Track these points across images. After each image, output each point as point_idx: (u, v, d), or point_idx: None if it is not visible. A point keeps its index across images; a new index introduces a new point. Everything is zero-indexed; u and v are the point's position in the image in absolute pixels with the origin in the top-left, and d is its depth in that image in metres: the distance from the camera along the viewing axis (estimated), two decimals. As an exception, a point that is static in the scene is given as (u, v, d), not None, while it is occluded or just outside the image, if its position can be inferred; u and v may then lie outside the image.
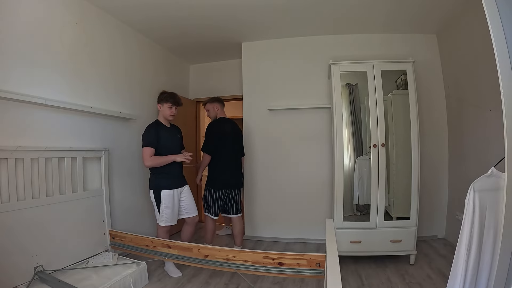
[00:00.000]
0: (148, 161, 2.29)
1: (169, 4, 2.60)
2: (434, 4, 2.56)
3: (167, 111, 2.44)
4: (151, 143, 2.30)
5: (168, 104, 2.43)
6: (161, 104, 2.44)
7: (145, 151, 2.29)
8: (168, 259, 2.20)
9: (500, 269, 1.19)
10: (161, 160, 2.33)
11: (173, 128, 2.57)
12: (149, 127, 2.38)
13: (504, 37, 1.13)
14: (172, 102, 2.44)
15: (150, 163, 2.30)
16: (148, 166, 2.32)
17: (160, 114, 2.48)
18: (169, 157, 2.36)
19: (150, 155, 2.29)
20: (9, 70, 1.87)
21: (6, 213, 1.77)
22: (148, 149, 2.28)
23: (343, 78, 2.69)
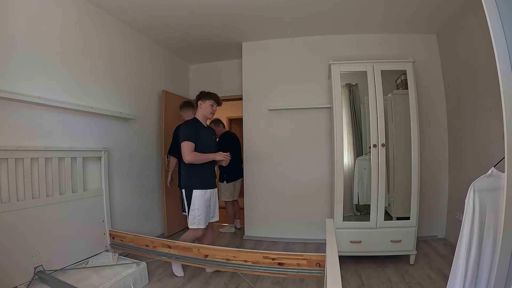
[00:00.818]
0: (188, 155, 2.16)
1: (169, 4, 2.60)
2: (434, 4, 2.57)
3: (209, 109, 2.35)
4: (191, 138, 2.20)
5: (211, 102, 2.34)
6: (203, 101, 2.34)
7: (185, 146, 2.17)
8: (168, 259, 2.20)
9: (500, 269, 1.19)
10: (201, 157, 2.23)
11: (209, 128, 2.48)
12: (188, 123, 2.31)
13: (504, 37, 1.13)
14: (214, 99, 2.36)
15: (190, 158, 2.17)
16: (188, 162, 2.19)
17: (199, 112, 2.37)
18: (209, 155, 2.28)
19: (191, 149, 2.18)
20: (9, 70, 1.87)
21: (6, 213, 1.77)
22: (189, 143, 2.17)
23: (343, 78, 2.69)
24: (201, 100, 2.35)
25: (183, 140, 2.19)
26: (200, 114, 2.37)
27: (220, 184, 3.71)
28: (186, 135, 2.20)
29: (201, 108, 2.36)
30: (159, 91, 3.52)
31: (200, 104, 2.35)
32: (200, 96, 2.37)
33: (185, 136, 2.20)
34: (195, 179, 2.26)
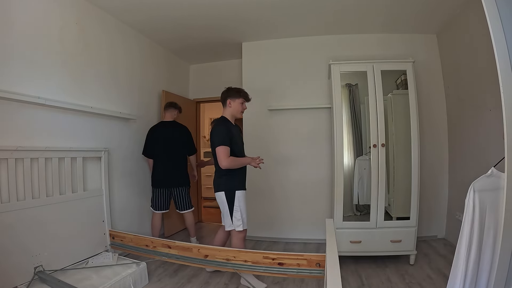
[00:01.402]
0: (225, 160, 2.05)
1: (170, 4, 2.60)
2: (434, 4, 2.56)
3: (239, 107, 2.23)
4: (226, 142, 2.09)
5: (240, 100, 2.23)
6: (232, 99, 2.22)
7: (222, 151, 2.06)
8: (168, 259, 2.20)
9: (500, 269, 1.19)
10: (239, 162, 2.15)
11: (237, 127, 2.36)
12: (220, 124, 2.17)
13: (504, 37, 1.13)
14: (244, 97, 2.25)
15: (228, 163, 2.06)
16: (226, 167, 2.08)
17: (228, 111, 2.24)
18: (245, 160, 2.22)
19: (228, 154, 2.08)
20: (9, 70, 1.87)
21: (6, 213, 1.77)
22: (225, 148, 2.07)
23: (343, 78, 2.69)
24: (230, 98, 2.22)
25: (219, 145, 2.07)
26: (229, 113, 2.24)
27: None
28: (221, 139, 2.08)
29: (231, 107, 2.23)
30: (159, 91, 3.52)
31: (229, 103, 2.22)
32: (229, 94, 2.24)
33: (220, 140, 2.08)
34: (236, 179, 2.17)
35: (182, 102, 3.90)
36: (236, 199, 2.14)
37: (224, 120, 2.22)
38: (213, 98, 4.27)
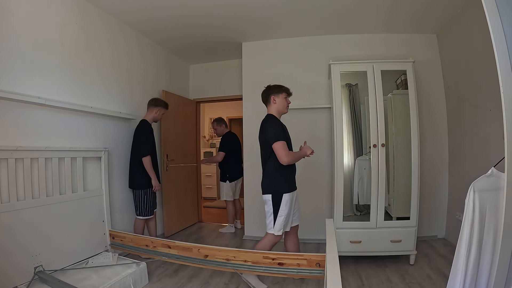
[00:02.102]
0: (286, 156, 1.95)
1: (170, 5, 2.60)
2: (434, 4, 2.56)
3: (284, 102, 2.14)
4: (282, 136, 1.99)
5: (284, 94, 2.13)
6: (275, 95, 2.13)
7: (281, 146, 1.95)
8: (168, 259, 2.20)
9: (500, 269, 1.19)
10: (297, 156, 2.05)
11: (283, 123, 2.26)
12: (271, 121, 2.07)
13: (504, 37, 1.13)
14: (286, 91, 2.15)
15: (289, 159, 1.96)
16: (287, 163, 1.97)
17: (273, 108, 2.15)
18: (300, 153, 2.08)
19: (287, 149, 1.98)
20: (9, 70, 1.87)
21: (6, 213, 1.77)
22: (283, 143, 1.96)
23: (343, 78, 2.69)
24: (273, 94, 2.13)
25: (276, 140, 1.96)
26: (275, 110, 2.14)
27: (222, 184, 3.72)
28: (277, 134, 1.98)
29: (275, 103, 2.13)
30: (159, 91, 3.52)
31: (274, 99, 2.13)
32: (271, 90, 2.16)
33: (276, 135, 1.98)
34: (285, 180, 2.07)
35: (182, 102, 3.91)
36: (283, 202, 2.02)
37: (273, 116, 2.13)
38: (213, 98, 4.28)
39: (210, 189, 6.08)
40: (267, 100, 2.18)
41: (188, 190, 4.01)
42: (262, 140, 2.10)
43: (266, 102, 2.20)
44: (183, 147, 3.89)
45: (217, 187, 6.00)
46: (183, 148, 3.88)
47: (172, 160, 3.56)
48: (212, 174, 6.05)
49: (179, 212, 3.73)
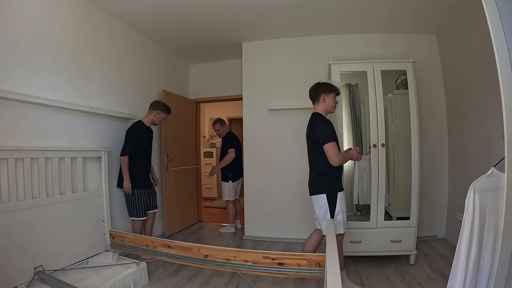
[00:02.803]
0: (337, 157, 1.92)
1: (170, 6, 2.60)
2: (435, 4, 2.56)
3: (333, 102, 2.11)
4: (333, 137, 1.97)
5: (333, 94, 2.10)
6: (326, 94, 2.08)
7: (332, 147, 1.92)
8: (168, 259, 2.20)
9: (500, 269, 1.19)
10: (347, 157, 2.04)
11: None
12: (321, 120, 2.04)
13: (504, 37, 1.13)
14: (336, 91, 2.12)
15: (339, 160, 1.94)
16: (338, 164, 1.96)
17: (321, 107, 2.10)
18: (350, 154, 2.07)
19: (338, 150, 1.97)
20: (9, 70, 1.87)
21: (6, 213, 1.77)
22: (335, 144, 1.95)
23: (343, 78, 2.69)
24: (324, 93, 2.09)
25: (328, 141, 1.93)
26: (322, 108, 2.10)
27: (225, 184, 3.71)
28: (329, 135, 1.96)
29: (325, 102, 2.09)
30: (159, 91, 3.52)
31: (324, 98, 2.09)
32: (322, 89, 2.11)
33: (328, 136, 1.95)
34: (336, 180, 2.05)
35: (182, 102, 3.91)
36: (338, 200, 2.00)
37: (322, 116, 2.09)
38: (213, 98, 4.28)
39: (210, 189, 6.08)
40: (316, 98, 2.12)
41: (188, 190, 4.02)
42: (312, 139, 2.06)
43: (314, 100, 2.15)
44: (183, 147, 3.89)
45: (217, 187, 6.00)
46: (183, 148, 3.88)
47: (172, 160, 3.56)
48: (212, 174, 6.04)
49: (179, 212, 3.74)
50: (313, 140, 2.06)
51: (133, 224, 2.75)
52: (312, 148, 2.11)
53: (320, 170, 2.05)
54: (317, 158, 2.05)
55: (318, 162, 2.06)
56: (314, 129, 2.04)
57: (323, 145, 1.96)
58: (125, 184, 2.63)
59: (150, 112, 2.82)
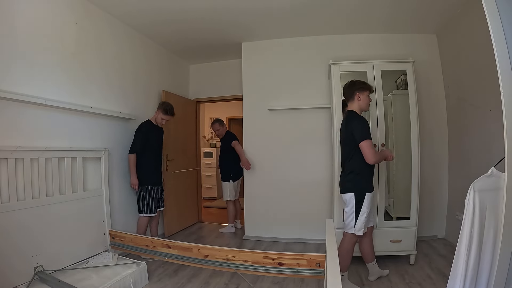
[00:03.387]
0: (374, 156, 1.91)
1: (170, 7, 2.60)
2: (434, 4, 2.56)
3: (367, 100, 2.10)
4: (369, 135, 1.95)
5: (367, 92, 2.09)
6: (360, 92, 2.07)
7: (369, 145, 1.91)
8: (168, 259, 2.20)
9: (500, 269, 1.19)
10: (382, 156, 2.03)
11: None
12: (357, 118, 2.03)
13: (504, 37, 1.13)
14: (369, 89, 2.10)
15: (376, 158, 1.93)
16: (374, 163, 1.96)
17: (356, 105, 2.09)
18: (384, 153, 2.06)
19: (374, 148, 1.96)
20: (9, 70, 1.87)
21: (6, 213, 1.77)
22: (371, 142, 1.94)
23: (343, 78, 2.68)
24: (358, 92, 2.08)
25: (364, 139, 1.92)
26: (357, 106, 2.08)
27: (225, 184, 3.71)
28: (366, 133, 1.94)
29: (360, 101, 2.08)
30: (159, 91, 3.52)
31: (358, 96, 2.07)
32: (356, 87, 2.09)
33: (365, 133, 1.94)
34: (366, 180, 2.04)
35: (182, 102, 3.91)
36: (365, 201, 2.01)
37: (357, 114, 2.08)
38: (213, 98, 4.28)
39: (210, 189, 6.08)
40: (351, 96, 2.11)
41: (188, 190, 4.01)
42: (347, 137, 2.04)
43: (349, 98, 2.13)
44: (183, 147, 3.89)
45: (217, 187, 6.00)
46: (183, 148, 3.88)
47: (172, 160, 3.56)
48: (212, 174, 6.05)
49: (179, 212, 3.74)
50: (348, 138, 2.04)
51: (140, 220, 2.81)
52: (346, 146, 2.10)
53: (351, 168, 2.04)
54: (350, 156, 2.05)
55: (350, 161, 2.05)
56: (349, 127, 2.02)
57: (359, 143, 1.94)
58: (131, 181, 2.76)
59: (156, 111, 2.94)
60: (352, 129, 1.99)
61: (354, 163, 2.03)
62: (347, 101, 2.17)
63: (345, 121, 2.13)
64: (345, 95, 2.18)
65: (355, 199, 2.02)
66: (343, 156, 2.15)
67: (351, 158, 2.05)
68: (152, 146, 2.86)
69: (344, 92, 2.18)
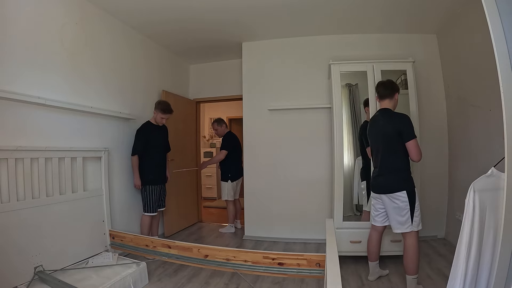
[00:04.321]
0: (420, 154, 1.97)
1: (169, 6, 2.60)
2: (434, 4, 2.57)
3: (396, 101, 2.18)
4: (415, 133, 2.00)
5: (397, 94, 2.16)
6: (398, 93, 2.15)
7: (417, 143, 1.96)
8: (168, 259, 2.20)
9: (500, 269, 1.19)
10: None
11: None
12: (404, 114, 2.07)
13: (504, 37, 1.13)
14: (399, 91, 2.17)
15: (421, 157, 1.98)
16: (419, 161, 2.01)
17: (392, 104, 2.14)
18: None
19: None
20: (9, 70, 1.87)
21: (6, 213, 1.77)
22: (417, 140, 1.98)
23: (343, 78, 2.69)
24: (397, 92, 2.14)
25: (413, 137, 1.96)
26: (393, 106, 2.15)
27: (224, 184, 3.72)
28: (413, 131, 1.98)
29: (396, 101, 2.15)
30: (159, 91, 3.52)
31: (396, 96, 2.14)
32: (397, 88, 2.15)
33: (413, 131, 1.97)
34: (411, 177, 2.06)
35: (182, 102, 3.91)
36: (416, 196, 2.02)
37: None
38: (213, 98, 4.29)
39: (210, 189, 6.09)
40: (391, 95, 2.12)
41: (188, 190, 4.02)
42: (391, 134, 2.02)
43: (388, 96, 2.13)
44: (183, 147, 3.89)
45: (217, 187, 6.00)
46: (183, 148, 3.88)
47: (172, 160, 3.56)
48: (212, 174, 6.05)
49: (179, 212, 3.74)
50: (392, 135, 2.02)
51: (142, 219, 2.87)
52: (387, 143, 2.06)
53: (397, 166, 2.03)
54: (393, 153, 2.03)
55: (394, 158, 2.03)
56: (397, 124, 2.01)
57: (409, 141, 1.95)
58: (134, 182, 2.84)
59: (154, 112, 2.95)
60: (401, 127, 1.98)
61: (398, 160, 2.02)
62: (384, 99, 2.14)
63: (386, 118, 2.09)
64: (385, 93, 2.13)
65: (408, 196, 1.99)
66: (379, 153, 2.11)
67: (394, 155, 2.03)
68: (154, 146, 2.88)
69: (385, 90, 2.14)
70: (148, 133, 2.85)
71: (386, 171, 2.08)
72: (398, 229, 2.05)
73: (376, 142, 2.17)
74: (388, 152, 2.07)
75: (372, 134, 2.20)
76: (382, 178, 2.09)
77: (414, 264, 2.01)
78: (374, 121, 2.20)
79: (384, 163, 2.09)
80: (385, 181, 2.07)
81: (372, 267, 2.26)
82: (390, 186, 2.04)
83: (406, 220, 2.01)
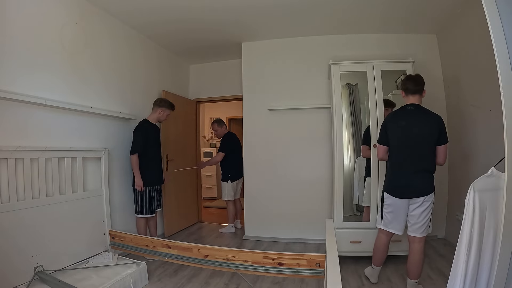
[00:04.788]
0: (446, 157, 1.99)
1: (169, 6, 2.60)
2: (434, 4, 2.56)
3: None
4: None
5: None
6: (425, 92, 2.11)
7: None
8: (168, 259, 2.20)
9: (500, 269, 1.19)
10: None
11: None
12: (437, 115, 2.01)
13: (504, 37, 1.13)
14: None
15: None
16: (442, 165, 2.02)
17: (421, 100, 2.11)
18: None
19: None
20: (9, 70, 1.87)
21: (5, 213, 1.77)
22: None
23: (343, 78, 2.69)
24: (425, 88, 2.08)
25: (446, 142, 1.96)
26: (421, 102, 2.09)
27: (224, 184, 3.72)
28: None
29: (424, 97, 2.10)
30: (159, 91, 3.52)
31: (424, 92, 2.07)
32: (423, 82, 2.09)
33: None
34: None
35: (182, 102, 3.91)
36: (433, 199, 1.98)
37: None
38: (213, 98, 4.29)
39: (210, 189, 6.09)
40: (421, 91, 2.04)
41: (188, 190, 4.02)
42: (431, 134, 1.92)
43: (419, 92, 2.04)
44: (183, 147, 3.89)
45: (217, 187, 6.00)
46: (183, 148, 3.88)
47: (172, 160, 3.56)
48: (212, 174, 6.05)
49: (179, 212, 3.74)
50: (428, 134, 1.92)
51: (137, 221, 2.80)
52: (425, 143, 1.93)
53: (427, 167, 1.94)
54: (429, 153, 1.94)
55: (428, 160, 1.94)
56: (435, 125, 1.92)
57: (445, 144, 1.92)
58: (137, 182, 2.70)
59: (155, 109, 2.89)
60: (442, 128, 1.92)
61: (430, 163, 1.94)
62: (415, 94, 2.03)
63: (424, 115, 1.99)
64: (415, 88, 2.03)
65: (433, 199, 1.94)
66: (418, 155, 1.94)
67: (429, 155, 1.94)
68: (151, 146, 2.84)
69: (415, 84, 2.04)
70: (147, 132, 2.80)
71: (422, 172, 1.93)
72: (415, 233, 1.95)
73: (407, 140, 1.96)
74: (426, 152, 1.94)
75: (404, 130, 1.98)
76: (419, 181, 1.92)
77: (419, 269, 1.97)
78: (406, 116, 2.01)
79: (421, 164, 1.94)
80: (422, 183, 1.92)
81: (377, 271, 2.21)
82: (426, 188, 1.92)
83: (427, 223, 1.94)
